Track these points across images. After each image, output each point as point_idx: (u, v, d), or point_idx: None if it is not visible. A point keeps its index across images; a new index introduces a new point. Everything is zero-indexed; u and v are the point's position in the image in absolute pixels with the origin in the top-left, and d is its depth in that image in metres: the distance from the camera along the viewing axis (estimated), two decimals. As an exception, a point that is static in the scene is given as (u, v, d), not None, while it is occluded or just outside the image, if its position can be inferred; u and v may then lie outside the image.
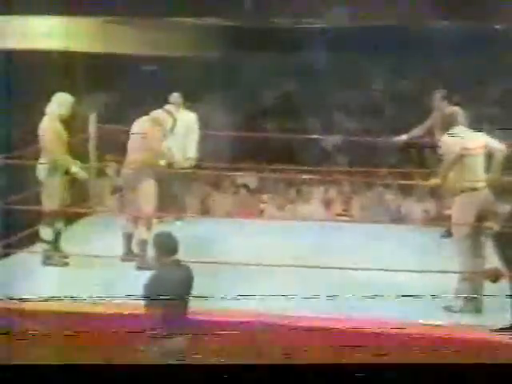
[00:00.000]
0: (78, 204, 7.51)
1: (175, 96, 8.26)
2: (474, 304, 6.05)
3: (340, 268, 6.29)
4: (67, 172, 6.83)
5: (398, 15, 5.95)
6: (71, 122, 7.04)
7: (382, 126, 8.87)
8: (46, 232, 6.94)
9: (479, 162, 6.11)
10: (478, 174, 6.10)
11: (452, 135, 6.17)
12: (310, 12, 6.50)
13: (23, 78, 7.11)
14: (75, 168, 6.87)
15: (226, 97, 10.32)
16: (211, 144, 9.39)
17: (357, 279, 6.29)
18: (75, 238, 7.33)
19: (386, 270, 6.24)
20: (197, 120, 8.41)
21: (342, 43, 8.70)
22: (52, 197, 6.85)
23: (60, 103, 6.93)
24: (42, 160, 6.88)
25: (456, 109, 6.68)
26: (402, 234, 7.98)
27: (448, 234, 7.83)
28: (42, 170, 6.84)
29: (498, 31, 7.25)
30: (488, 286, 6.07)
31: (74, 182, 6.99)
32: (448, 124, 6.30)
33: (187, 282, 5.02)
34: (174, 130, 8.00)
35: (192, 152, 8.37)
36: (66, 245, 7.06)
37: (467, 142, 6.11)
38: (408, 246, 7.50)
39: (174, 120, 7.31)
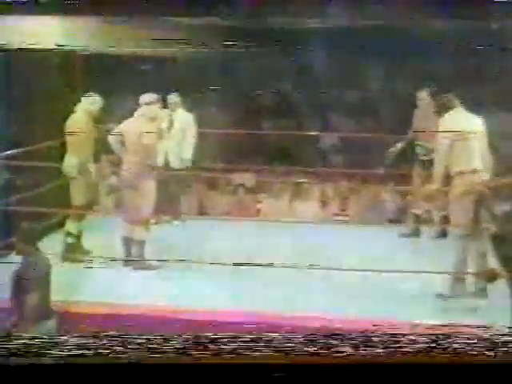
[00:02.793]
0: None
1: (173, 96, 8.26)
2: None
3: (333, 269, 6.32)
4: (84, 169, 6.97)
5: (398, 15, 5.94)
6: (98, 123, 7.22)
7: (380, 126, 8.87)
8: (71, 226, 7.11)
9: (476, 146, 6.05)
10: (476, 157, 6.05)
11: (450, 117, 6.13)
12: (308, 12, 6.48)
13: (21, 77, 7.11)
14: (91, 167, 7.00)
15: (223, 97, 10.32)
16: (207, 144, 9.40)
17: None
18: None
19: (379, 271, 6.24)
20: (194, 121, 8.37)
21: (339, 43, 8.71)
22: (80, 192, 6.98)
23: (91, 102, 7.09)
24: (67, 156, 7.00)
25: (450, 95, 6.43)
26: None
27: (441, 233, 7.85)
28: (70, 166, 6.94)
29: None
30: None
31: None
32: (445, 107, 6.22)
33: (48, 270, 5.37)
34: (172, 130, 8.00)
35: (188, 154, 8.33)
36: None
37: (465, 124, 6.09)
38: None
39: (170, 117, 7.26)
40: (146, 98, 7.08)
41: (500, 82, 8.54)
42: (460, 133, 5.99)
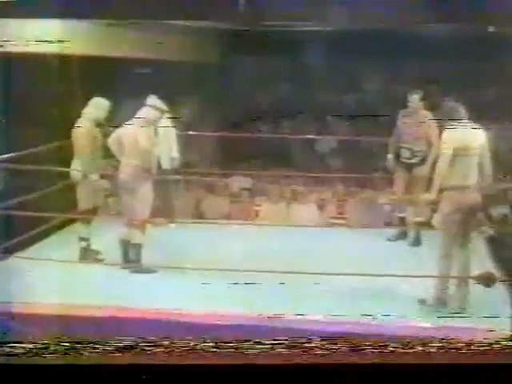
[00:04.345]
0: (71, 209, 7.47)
1: (152, 98, 8.16)
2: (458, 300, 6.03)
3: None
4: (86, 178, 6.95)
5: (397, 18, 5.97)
6: (104, 126, 7.16)
7: (378, 129, 8.90)
8: (82, 230, 7.13)
9: (475, 161, 6.00)
10: (471, 174, 6.00)
11: (454, 129, 6.05)
12: (306, 14, 6.52)
13: (21, 82, 7.11)
14: (95, 176, 6.97)
15: (220, 99, 10.35)
16: (204, 147, 9.41)
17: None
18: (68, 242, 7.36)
19: (368, 275, 6.24)
20: (170, 121, 8.37)
21: (337, 46, 8.75)
22: (86, 197, 7.01)
23: (97, 107, 7.04)
24: (74, 162, 7.01)
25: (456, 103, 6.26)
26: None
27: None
28: (75, 170, 6.97)
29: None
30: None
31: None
32: (448, 117, 6.13)
33: None
34: (159, 132, 7.99)
35: (175, 151, 8.39)
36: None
37: (467, 138, 6.02)
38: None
39: (163, 112, 7.25)
40: (155, 101, 7.09)
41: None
42: (461, 147, 5.97)
